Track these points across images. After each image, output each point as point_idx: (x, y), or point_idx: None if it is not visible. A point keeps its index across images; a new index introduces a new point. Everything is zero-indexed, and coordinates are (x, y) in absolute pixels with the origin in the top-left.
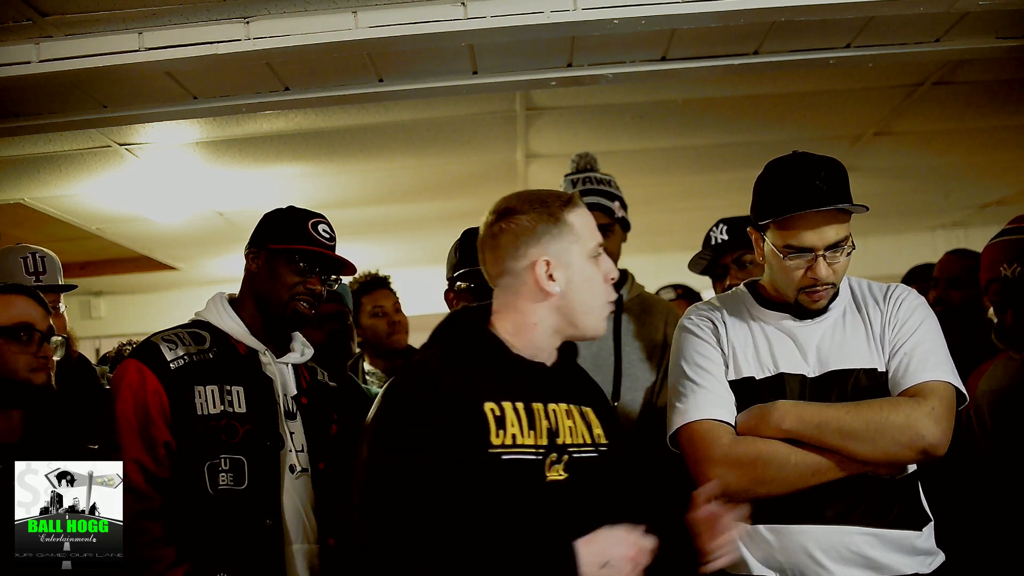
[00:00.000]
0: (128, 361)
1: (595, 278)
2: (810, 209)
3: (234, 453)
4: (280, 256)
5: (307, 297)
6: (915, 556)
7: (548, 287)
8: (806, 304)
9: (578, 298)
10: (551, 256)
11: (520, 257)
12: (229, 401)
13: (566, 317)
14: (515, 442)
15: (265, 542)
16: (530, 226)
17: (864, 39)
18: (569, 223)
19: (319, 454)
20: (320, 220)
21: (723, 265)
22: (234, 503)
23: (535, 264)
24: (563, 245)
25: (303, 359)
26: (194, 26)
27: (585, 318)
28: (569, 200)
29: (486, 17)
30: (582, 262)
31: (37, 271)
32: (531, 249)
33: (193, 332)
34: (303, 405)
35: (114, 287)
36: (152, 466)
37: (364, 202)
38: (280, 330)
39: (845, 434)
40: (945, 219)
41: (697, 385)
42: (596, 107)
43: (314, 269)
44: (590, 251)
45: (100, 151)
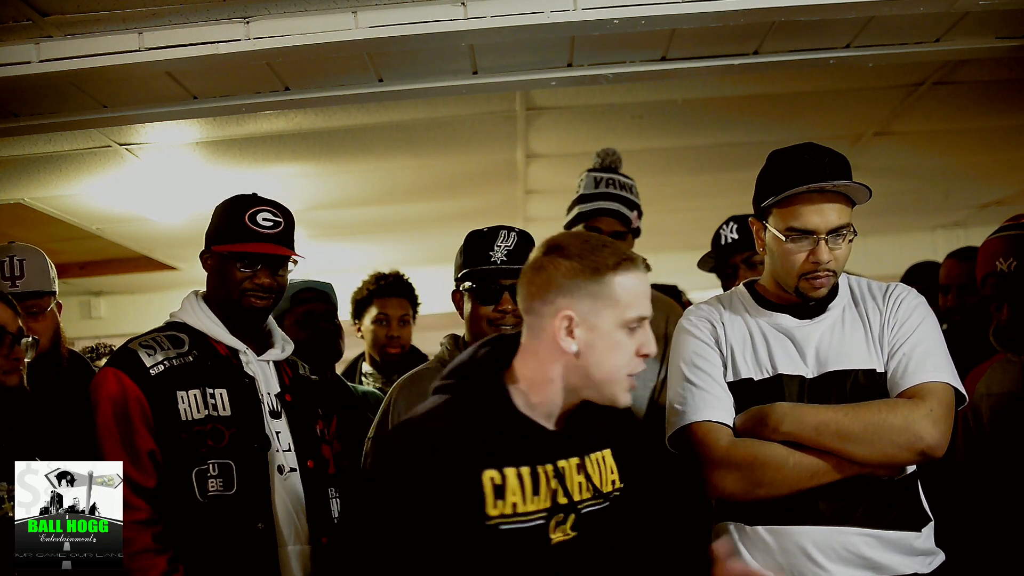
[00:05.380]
0: (106, 370)
1: (623, 348)
2: (813, 183)
3: (222, 458)
4: (224, 257)
5: (257, 292)
6: (914, 556)
7: (564, 343)
8: (807, 291)
9: (596, 362)
10: (577, 313)
11: (548, 302)
12: (213, 404)
13: (584, 379)
14: (515, 511)
15: (258, 546)
16: (569, 274)
17: (864, 39)
18: (612, 286)
19: (307, 452)
20: (260, 208)
21: (732, 264)
22: (225, 509)
23: (559, 315)
24: (595, 306)
25: (284, 355)
26: (194, 26)
27: (600, 388)
28: (624, 261)
29: (486, 17)
30: (612, 328)
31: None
32: (560, 299)
33: (171, 335)
34: (287, 402)
35: (114, 287)
36: (137, 476)
37: (364, 202)
38: (244, 327)
39: (843, 436)
40: (945, 219)
41: (695, 387)
42: (596, 107)
43: (257, 264)
44: (627, 320)
45: (100, 151)
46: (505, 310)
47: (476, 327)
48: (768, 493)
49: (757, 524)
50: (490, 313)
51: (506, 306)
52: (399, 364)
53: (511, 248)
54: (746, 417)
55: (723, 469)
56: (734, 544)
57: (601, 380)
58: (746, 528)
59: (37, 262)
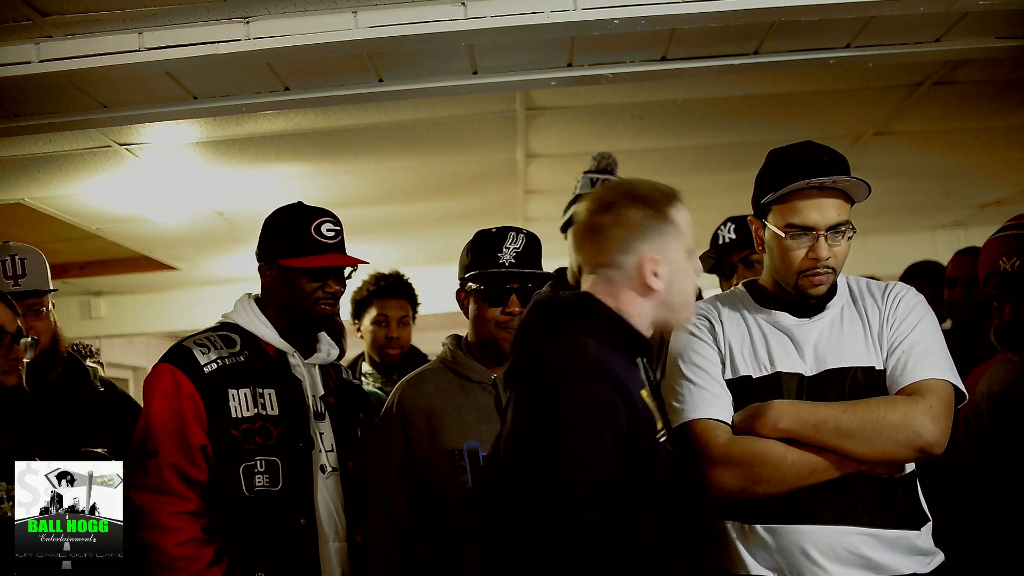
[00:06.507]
0: (161, 366)
1: (691, 273)
2: (813, 178)
3: (269, 455)
4: (292, 270)
5: (329, 300)
6: (913, 556)
7: (653, 283)
8: (806, 288)
9: (678, 291)
10: (658, 253)
11: (629, 252)
12: (262, 404)
13: (665, 311)
14: (659, 428)
15: (300, 541)
16: (639, 222)
17: (864, 39)
18: (675, 221)
19: (347, 453)
20: (324, 219)
21: (730, 264)
22: (270, 504)
23: (642, 260)
24: (668, 243)
25: (329, 359)
26: (194, 26)
27: (681, 311)
28: (672, 197)
29: (486, 17)
30: (682, 259)
31: (16, 275)
32: (641, 244)
33: (223, 335)
34: (330, 405)
35: (114, 287)
36: (189, 469)
37: (364, 202)
38: (306, 332)
39: (842, 433)
40: (945, 219)
41: (694, 384)
42: (596, 107)
43: (327, 275)
44: (688, 248)
45: (100, 151)
46: (513, 312)
47: (482, 329)
48: (767, 491)
49: (756, 523)
50: (498, 316)
51: (513, 308)
52: (399, 364)
53: (520, 250)
54: (745, 414)
55: (722, 466)
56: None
57: (681, 305)
58: (745, 527)
59: (37, 261)
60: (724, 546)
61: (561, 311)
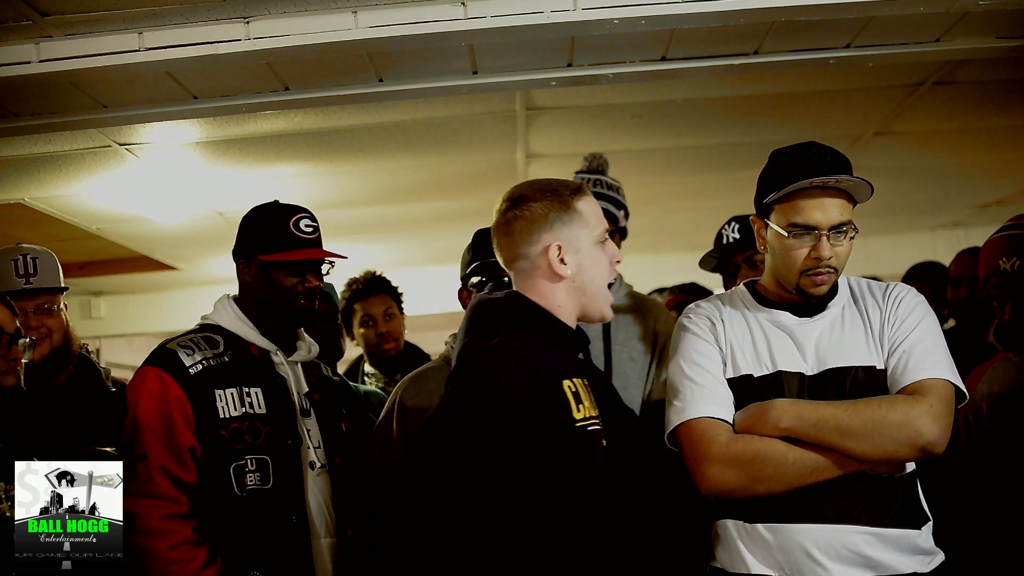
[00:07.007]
0: (146, 369)
1: (602, 261)
2: (815, 177)
3: (259, 453)
4: (272, 266)
5: (308, 295)
6: (914, 555)
7: (560, 270)
8: (807, 288)
9: (588, 280)
10: (562, 241)
11: (534, 243)
12: (249, 403)
13: (580, 297)
14: (587, 415)
15: (292, 538)
16: (542, 213)
17: (864, 39)
18: (579, 210)
19: (334, 449)
20: (301, 215)
21: (734, 264)
22: (262, 502)
23: (548, 249)
24: (573, 231)
25: (311, 356)
26: (194, 26)
27: (594, 300)
28: (578, 189)
29: (486, 17)
30: (590, 247)
31: (28, 273)
32: (544, 235)
33: (206, 336)
34: (315, 401)
35: (114, 287)
36: (178, 471)
37: (364, 202)
38: (286, 328)
39: (843, 432)
40: (945, 219)
41: (695, 383)
42: (596, 107)
43: (306, 269)
44: (598, 236)
45: (100, 151)
46: None
47: None
48: (768, 489)
49: (756, 521)
50: None
51: None
52: (399, 362)
53: None
54: (746, 413)
55: (723, 465)
56: None
57: (595, 294)
58: (746, 526)
59: (49, 260)
60: (725, 545)
61: (491, 310)
